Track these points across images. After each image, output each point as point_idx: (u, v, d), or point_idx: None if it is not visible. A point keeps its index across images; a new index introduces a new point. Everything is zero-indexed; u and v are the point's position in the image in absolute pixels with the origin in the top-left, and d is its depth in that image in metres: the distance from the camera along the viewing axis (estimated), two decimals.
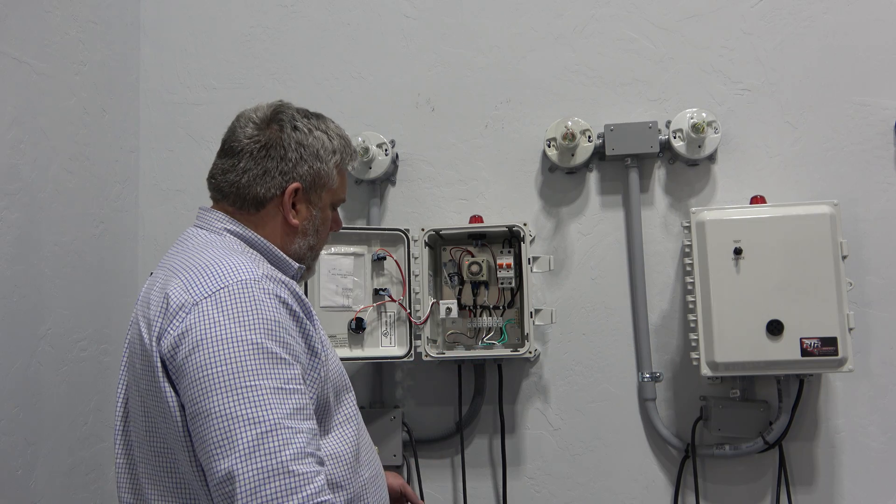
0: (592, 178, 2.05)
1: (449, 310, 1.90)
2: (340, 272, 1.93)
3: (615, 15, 2.06)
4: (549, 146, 1.98)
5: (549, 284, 2.03)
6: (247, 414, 1.03)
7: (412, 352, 1.92)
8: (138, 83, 2.26)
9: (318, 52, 2.20)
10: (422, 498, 2.01)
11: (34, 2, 1.82)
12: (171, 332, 1.10)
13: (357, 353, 1.93)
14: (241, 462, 1.01)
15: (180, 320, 1.10)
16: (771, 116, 1.97)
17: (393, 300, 1.94)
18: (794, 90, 1.96)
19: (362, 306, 1.94)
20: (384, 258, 1.96)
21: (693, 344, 1.78)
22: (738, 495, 1.91)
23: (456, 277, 1.97)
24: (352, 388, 1.31)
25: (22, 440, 1.68)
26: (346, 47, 2.19)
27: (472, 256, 1.97)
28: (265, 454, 1.01)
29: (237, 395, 1.04)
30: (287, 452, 1.02)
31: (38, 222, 1.78)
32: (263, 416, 1.03)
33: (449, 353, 1.92)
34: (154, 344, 1.12)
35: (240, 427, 1.02)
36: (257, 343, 1.07)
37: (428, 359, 1.88)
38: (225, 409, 1.03)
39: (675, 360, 1.97)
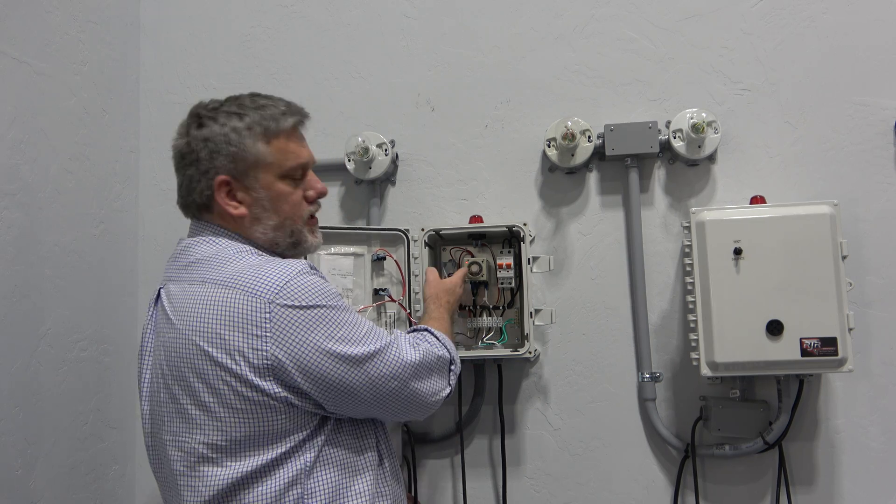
0: (592, 178, 2.05)
1: None
2: (341, 272, 1.93)
3: (615, 15, 2.06)
4: (549, 146, 1.98)
5: (549, 284, 2.03)
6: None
7: None
8: (138, 83, 2.26)
9: (318, 52, 2.20)
10: (418, 498, 2.01)
11: (34, 2, 1.82)
12: (268, 336, 1.21)
13: None
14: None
15: (267, 320, 1.21)
16: (771, 116, 1.97)
17: (393, 300, 1.94)
18: (794, 90, 1.96)
19: (362, 306, 1.94)
20: (384, 258, 1.96)
21: (693, 344, 1.78)
22: (738, 495, 1.91)
23: None
24: None
25: (22, 440, 1.68)
26: (346, 47, 2.19)
27: (472, 256, 1.97)
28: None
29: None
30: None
31: (38, 222, 1.78)
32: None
33: None
34: (238, 357, 1.21)
35: (371, 358, 1.30)
36: (337, 306, 1.28)
37: None
38: (356, 352, 1.27)
39: (674, 360, 1.97)
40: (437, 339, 1.45)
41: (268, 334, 1.21)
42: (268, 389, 1.22)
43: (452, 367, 1.45)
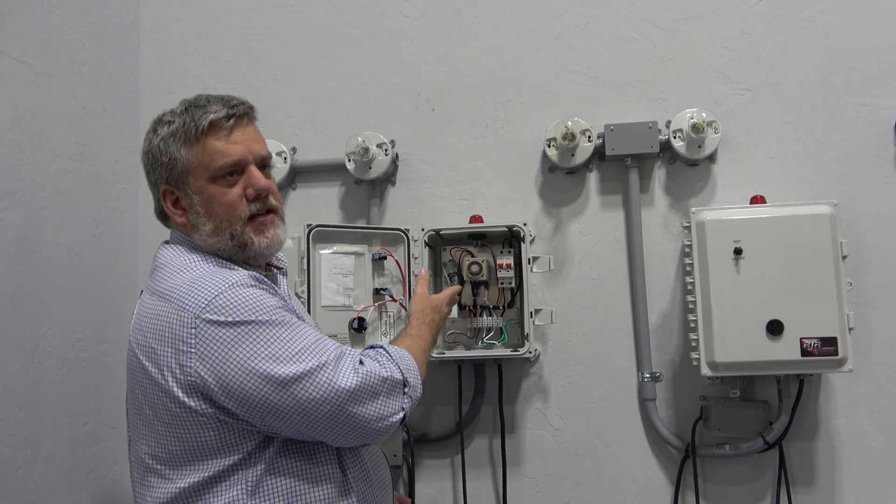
0: (592, 178, 2.05)
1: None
2: (342, 271, 1.93)
3: (615, 15, 2.06)
4: (550, 146, 1.98)
5: (549, 284, 2.03)
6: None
7: None
8: (138, 83, 2.25)
9: (318, 53, 2.20)
10: (413, 497, 2.01)
11: (34, 2, 1.82)
12: (192, 353, 1.17)
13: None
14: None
15: (192, 336, 1.17)
16: (771, 116, 1.97)
17: (394, 300, 1.94)
18: (793, 90, 1.97)
19: (363, 306, 1.94)
20: (385, 258, 1.96)
21: (693, 344, 1.78)
22: (739, 495, 1.91)
23: (456, 277, 1.97)
24: None
25: (22, 440, 1.68)
26: (346, 47, 2.19)
27: (472, 256, 1.97)
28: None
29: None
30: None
31: (39, 222, 1.78)
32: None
33: (449, 353, 1.92)
34: (166, 372, 1.19)
35: (300, 381, 1.20)
36: (269, 321, 1.20)
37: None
38: (286, 373, 1.19)
39: (674, 360, 1.97)
40: (391, 358, 1.30)
41: (192, 350, 1.17)
42: (194, 406, 1.18)
43: (406, 390, 1.29)
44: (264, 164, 1.35)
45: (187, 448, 1.21)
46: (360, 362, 1.25)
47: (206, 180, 1.29)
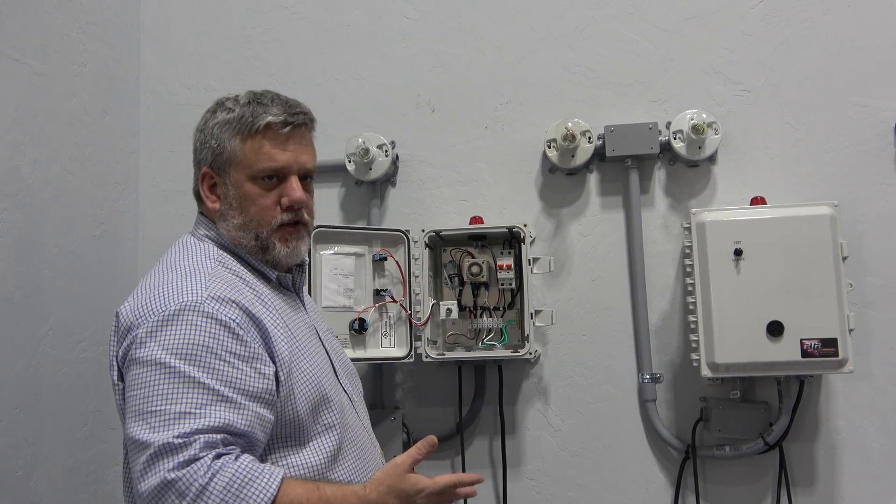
0: (593, 179, 2.05)
1: (449, 311, 1.90)
2: (342, 272, 1.93)
3: (615, 16, 2.06)
4: (550, 147, 1.98)
5: (550, 285, 2.03)
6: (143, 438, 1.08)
7: (412, 353, 1.92)
8: (139, 84, 2.25)
9: (318, 53, 2.20)
10: None
11: (34, 2, 1.82)
12: (120, 352, 1.19)
13: (359, 353, 1.93)
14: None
15: (127, 340, 1.17)
16: (771, 117, 1.97)
17: (395, 301, 1.95)
18: (794, 91, 1.97)
19: (364, 307, 1.94)
20: (385, 259, 1.96)
21: (693, 345, 1.78)
22: (739, 496, 1.91)
23: (456, 278, 1.97)
24: (331, 400, 1.28)
25: (22, 441, 1.68)
26: (346, 48, 2.19)
27: (473, 257, 1.97)
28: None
29: (141, 420, 1.10)
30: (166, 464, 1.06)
31: (39, 223, 1.78)
32: (152, 439, 1.07)
33: (449, 355, 1.92)
34: (112, 359, 1.23)
35: (133, 450, 1.10)
36: (171, 366, 1.11)
37: (428, 360, 1.88)
38: (130, 432, 1.10)
39: (675, 361, 1.97)
40: (222, 482, 1.04)
41: (119, 359, 1.19)
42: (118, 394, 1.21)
43: None
44: (307, 177, 1.35)
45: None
46: (183, 465, 1.04)
47: (246, 177, 1.29)
